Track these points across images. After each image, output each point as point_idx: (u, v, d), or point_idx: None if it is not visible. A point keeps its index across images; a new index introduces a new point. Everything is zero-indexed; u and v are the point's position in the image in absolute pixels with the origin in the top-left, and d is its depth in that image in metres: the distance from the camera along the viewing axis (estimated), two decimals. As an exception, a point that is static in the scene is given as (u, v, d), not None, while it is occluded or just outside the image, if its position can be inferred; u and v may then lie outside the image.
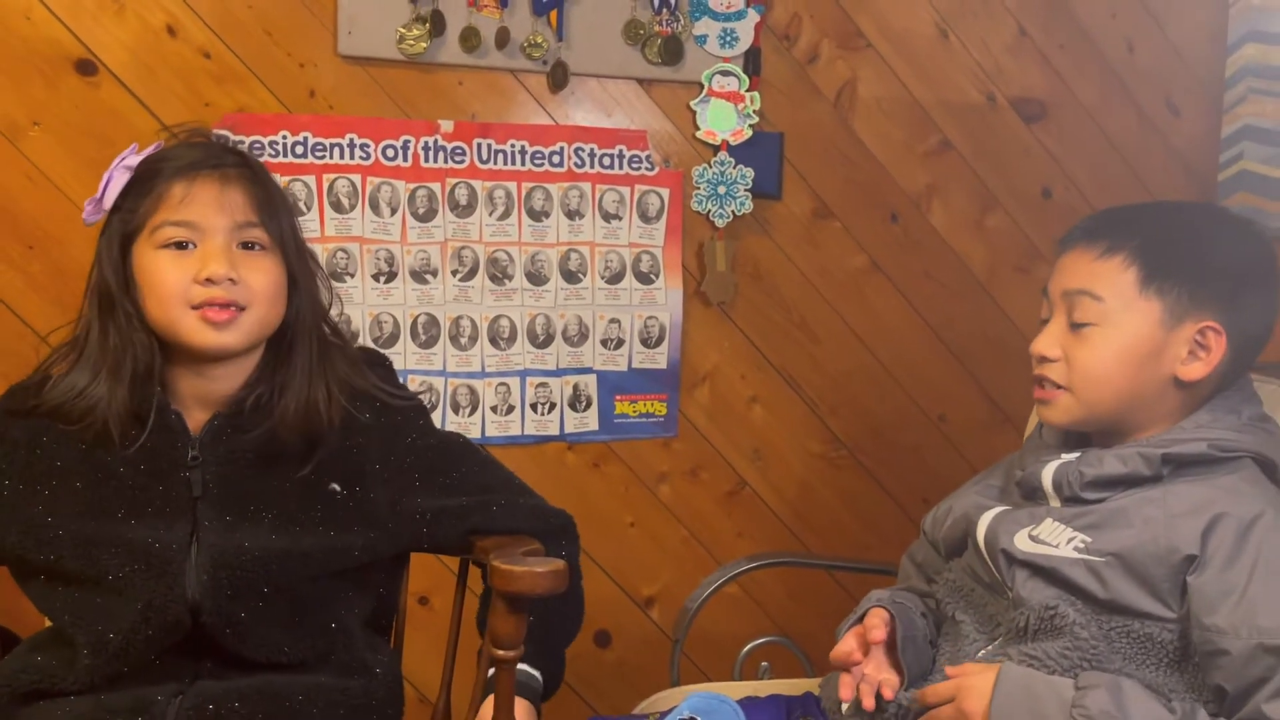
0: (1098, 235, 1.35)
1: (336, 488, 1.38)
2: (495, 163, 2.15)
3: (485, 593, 1.43)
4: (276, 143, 2.02)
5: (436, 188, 2.13)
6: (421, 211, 2.12)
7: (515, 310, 2.19)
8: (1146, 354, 1.32)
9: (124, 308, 1.33)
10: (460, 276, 2.15)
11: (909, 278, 2.45)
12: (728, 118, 2.26)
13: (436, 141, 2.11)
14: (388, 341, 2.12)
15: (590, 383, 2.25)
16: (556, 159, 2.18)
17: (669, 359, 2.29)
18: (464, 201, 2.14)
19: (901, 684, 1.34)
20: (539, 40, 2.13)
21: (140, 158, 1.36)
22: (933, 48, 2.41)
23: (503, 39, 2.11)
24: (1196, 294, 1.31)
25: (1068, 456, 1.35)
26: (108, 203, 1.35)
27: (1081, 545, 1.27)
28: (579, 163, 2.20)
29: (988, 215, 2.48)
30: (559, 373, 2.23)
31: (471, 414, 2.18)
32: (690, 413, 2.33)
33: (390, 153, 2.09)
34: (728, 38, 2.24)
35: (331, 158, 2.06)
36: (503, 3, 2.11)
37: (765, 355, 2.38)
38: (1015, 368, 1.59)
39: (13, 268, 1.93)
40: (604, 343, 2.25)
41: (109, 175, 1.35)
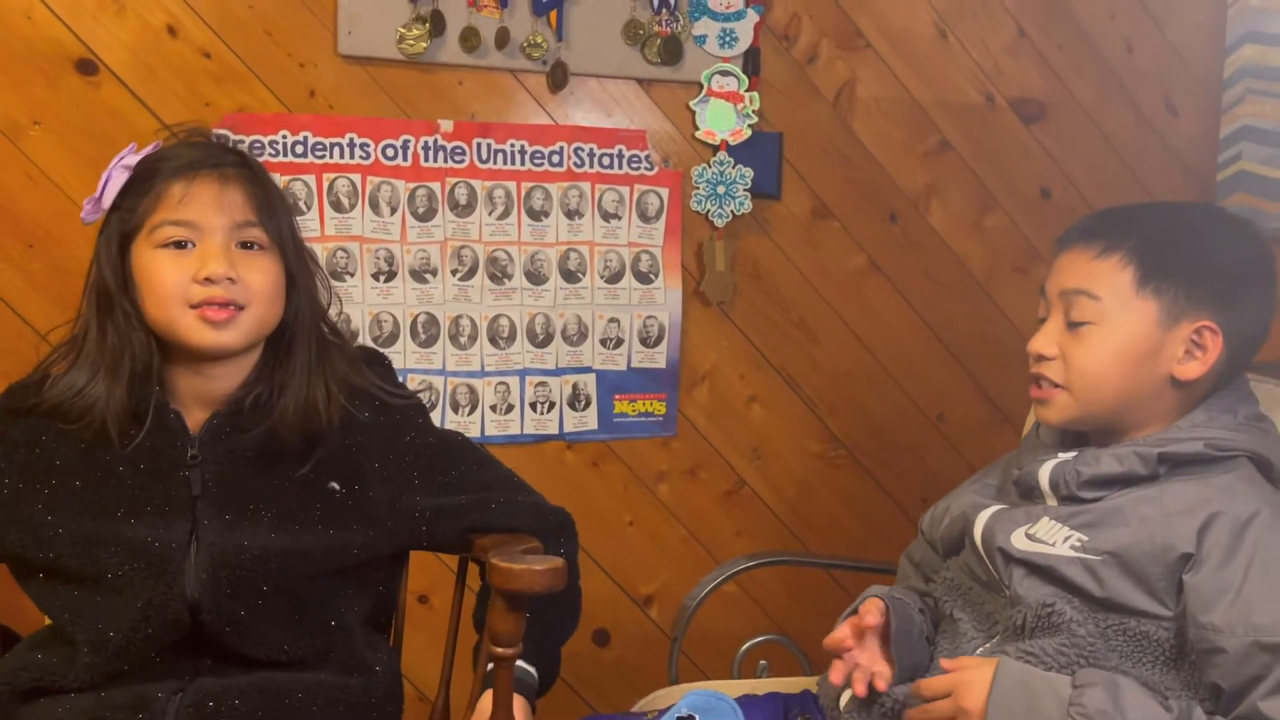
0: (1095, 235, 1.35)
1: (335, 486, 1.38)
2: (495, 162, 2.15)
3: (483, 590, 1.44)
4: (276, 142, 2.03)
5: (436, 187, 2.13)
6: (421, 211, 2.13)
7: (515, 309, 2.20)
8: (1143, 353, 1.32)
9: (122, 307, 1.33)
10: (460, 276, 2.16)
11: (908, 278, 2.45)
12: (727, 118, 2.27)
13: (436, 141, 2.12)
14: (387, 341, 2.13)
15: (589, 382, 2.26)
16: (556, 159, 2.19)
17: (668, 358, 2.29)
18: (464, 201, 2.15)
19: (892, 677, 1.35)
20: (539, 40, 2.13)
21: (139, 157, 1.36)
22: (932, 48, 2.41)
23: (502, 39, 2.11)
24: (1193, 294, 1.31)
25: (1065, 456, 1.35)
26: (106, 202, 1.35)
27: (1078, 544, 1.28)
28: (578, 162, 2.20)
29: (986, 215, 2.49)
30: (558, 372, 2.23)
31: (471, 413, 2.18)
32: (689, 412, 2.33)
33: (390, 152, 2.10)
34: (727, 38, 2.25)
35: (331, 157, 2.06)
36: (502, 3, 2.11)
37: (764, 355, 2.38)
38: (1014, 367, 1.60)
39: (13, 266, 1.94)
40: (603, 342, 2.25)
41: (108, 174, 1.35)
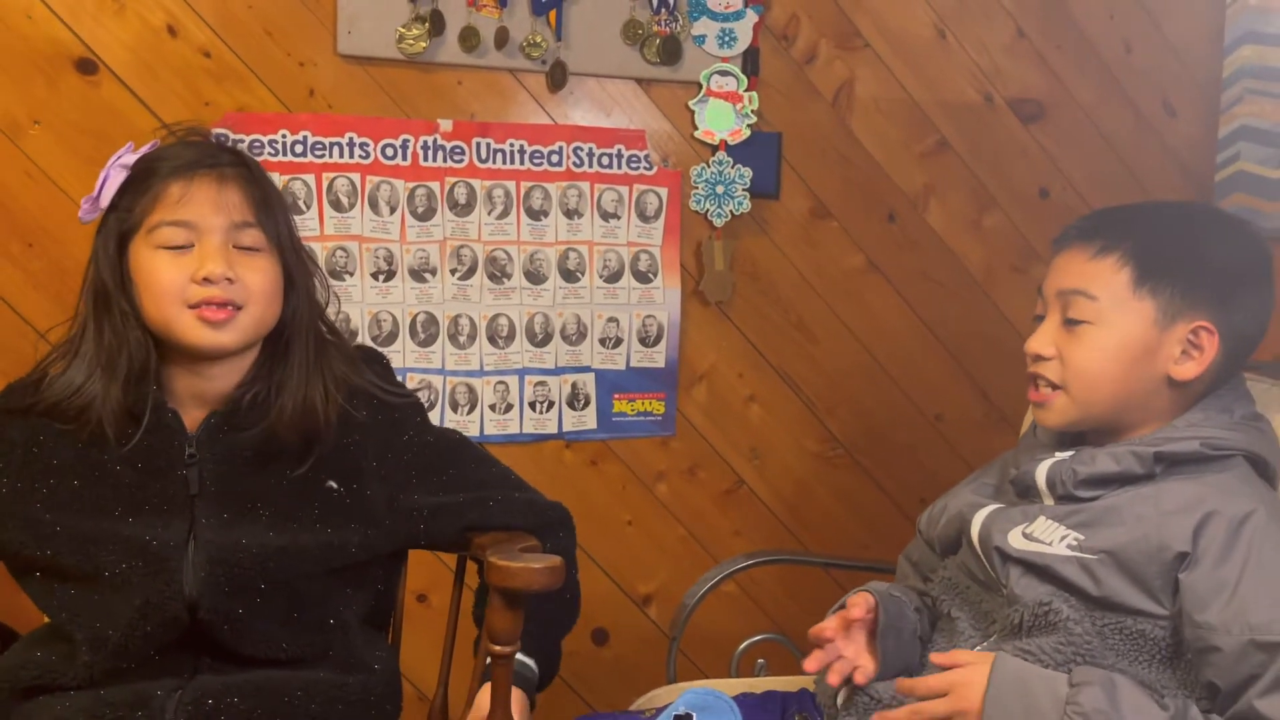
0: (1093, 235, 1.36)
1: (334, 485, 1.38)
2: (494, 162, 2.16)
3: (481, 587, 1.44)
4: (276, 142, 2.03)
5: (435, 187, 2.13)
6: (420, 210, 2.13)
7: (514, 309, 2.20)
8: (1140, 353, 1.32)
9: (119, 306, 1.33)
10: (459, 275, 2.16)
11: (906, 277, 2.45)
12: (726, 117, 2.27)
13: (435, 141, 2.12)
14: (387, 340, 2.13)
15: (588, 381, 2.26)
16: (555, 158, 2.19)
17: (667, 358, 2.30)
18: (463, 200, 2.15)
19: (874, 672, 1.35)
20: (538, 40, 2.13)
21: (137, 156, 1.36)
22: (930, 48, 2.41)
23: (502, 39, 2.12)
24: (1190, 294, 1.31)
25: (1061, 455, 1.35)
26: (104, 201, 1.35)
27: (1074, 543, 1.28)
28: (577, 162, 2.20)
29: (985, 215, 2.49)
30: (557, 371, 2.24)
31: (470, 412, 2.19)
32: (688, 411, 2.34)
33: (389, 152, 2.10)
34: (726, 38, 2.25)
35: (331, 157, 2.07)
36: (502, 2, 2.11)
37: (763, 354, 2.38)
38: (1012, 367, 1.60)
39: (13, 265, 1.94)
40: (602, 341, 2.25)
41: (105, 173, 1.35)
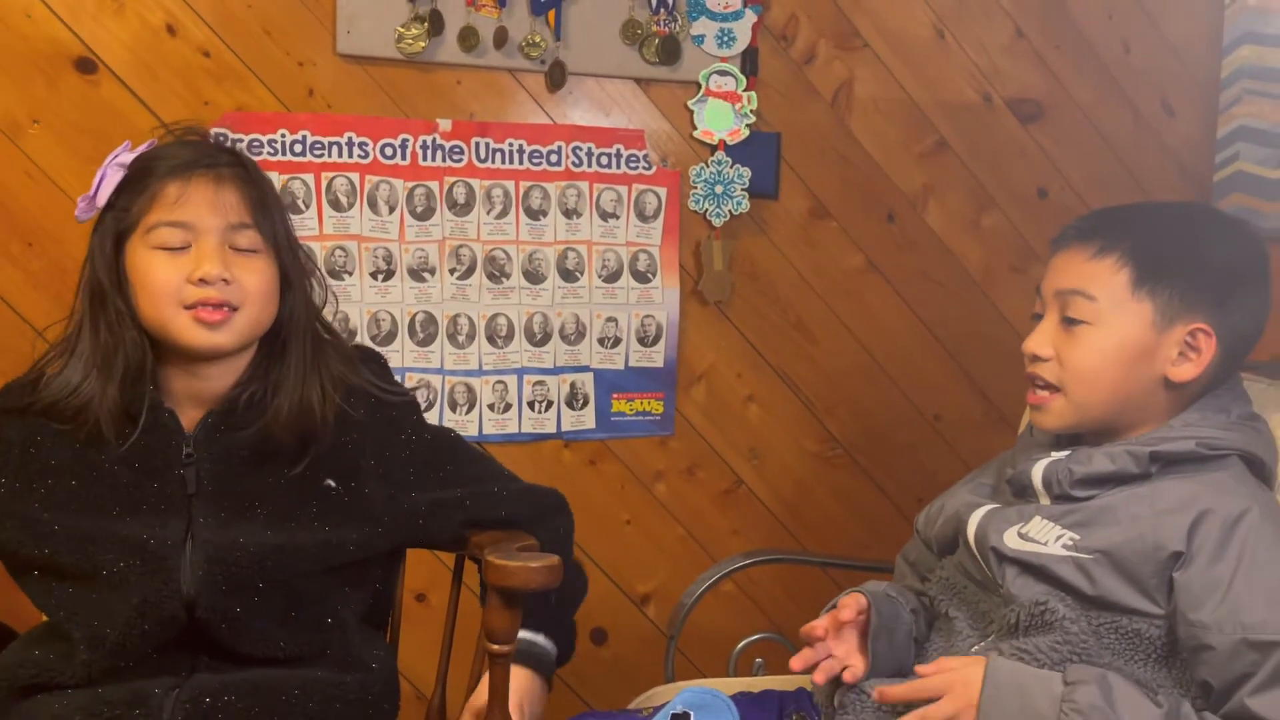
0: (1091, 235, 1.36)
1: (331, 484, 1.38)
2: (493, 162, 2.16)
3: (483, 585, 1.44)
4: (275, 141, 2.03)
5: (435, 186, 2.13)
6: (419, 210, 2.13)
7: (513, 308, 2.20)
8: (1138, 354, 1.32)
9: (115, 305, 1.33)
10: (458, 275, 2.16)
11: (905, 277, 2.45)
12: (725, 117, 2.27)
13: (435, 140, 2.12)
14: (385, 339, 2.13)
15: (587, 381, 2.26)
16: (554, 158, 2.19)
17: (666, 358, 2.30)
18: (462, 200, 2.15)
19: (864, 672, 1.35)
20: (537, 40, 2.14)
21: (134, 155, 1.36)
22: (929, 48, 2.41)
23: (501, 38, 2.12)
24: (1188, 297, 1.31)
25: (1058, 454, 1.35)
26: (100, 200, 1.35)
27: (1070, 543, 1.28)
28: (576, 162, 2.20)
29: (984, 215, 2.49)
30: (556, 371, 2.24)
31: (469, 412, 2.19)
32: (687, 411, 2.34)
33: (389, 151, 2.10)
34: (725, 38, 2.25)
35: (330, 156, 2.07)
36: (501, 2, 2.11)
37: (762, 354, 2.38)
38: (1010, 367, 1.60)
39: (12, 264, 1.94)
40: (601, 341, 2.26)
41: (102, 173, 1.35)
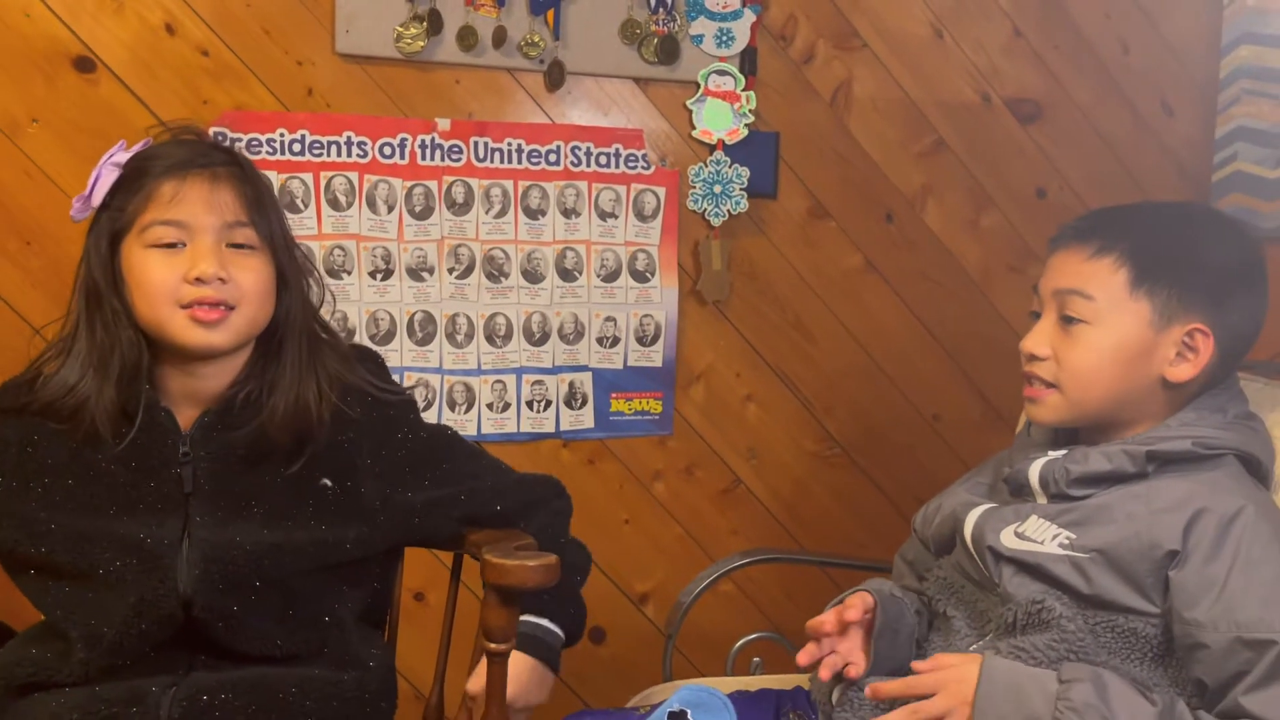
0: (1089, 235, 1.36)
1: (328, 483, 1.38)
2: (492, 161, 2.16)
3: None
4: (274, 140, 2.03)
5: (433, 186, 2.13)
6: (418, 209, 2.13)
7: (511, 308, 2.20)
8: (1135, 354, 1.33)
9: (111, 305, 1.33)
10: (457, 274, 2.16)
11: (904, 277, 2.45)
12: (724, 117, 2.27)
13: (433, 140, 2.12)
14: (384, 338, 2.13)
15: (586, 380, 2.26)
16: (553, 157, 2.19)
17: (664, 357, 2.30)
18: (461, 200, 2.15)
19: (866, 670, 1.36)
20: (536, 39, 2.14)
21: (129, 155, 1.36)
22: (928, 48, 2.41)
23: (500, 38, 2.12)
24: (1186, 297, 1.31)
25: (1054, 454, 1.36)
26: (96, 200, 1.35)
27: (1066, 542, 1.28)
28: (575, 161, 2.21)
29: (982, 215, 2.49)
30: (555, 370, 2.24)
31: (467, 411, 2.19)
32: (685, 411, 2.34)
33: (387, 151, 2.10)
34: (724, 37, 2.25)
35: (329, 155, 2.07)
36: (500, 2, 2.11)
37: (760, 354, 2.38)
38: (1009, 367, 1.60)
39: (11, 263, 1.94)
40: (600, 341, 2.26)
41: (97, 172, 1.35)
